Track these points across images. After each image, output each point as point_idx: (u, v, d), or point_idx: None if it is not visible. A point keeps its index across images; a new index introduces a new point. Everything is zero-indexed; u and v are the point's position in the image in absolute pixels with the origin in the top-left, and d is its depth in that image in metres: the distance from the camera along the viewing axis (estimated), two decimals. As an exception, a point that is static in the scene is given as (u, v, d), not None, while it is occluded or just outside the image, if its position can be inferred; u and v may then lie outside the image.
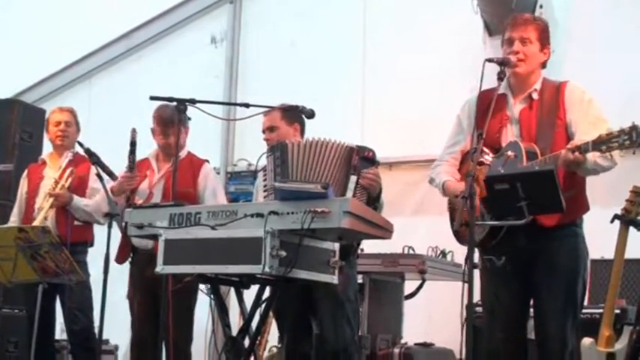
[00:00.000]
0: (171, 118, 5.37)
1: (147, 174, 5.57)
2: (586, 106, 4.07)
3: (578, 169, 3.86)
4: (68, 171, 5.97)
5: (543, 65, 4.24)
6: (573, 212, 4.03)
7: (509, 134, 4.13)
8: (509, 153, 3.95)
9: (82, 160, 6.01)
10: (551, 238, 3.99)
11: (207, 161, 5.82)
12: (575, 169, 3.85)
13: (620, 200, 4.42)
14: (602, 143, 3.68)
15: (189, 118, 5.24)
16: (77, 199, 5.93)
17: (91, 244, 6.17)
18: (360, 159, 4.46)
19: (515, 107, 4.18)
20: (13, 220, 6.18)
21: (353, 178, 4.38)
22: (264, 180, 4.66)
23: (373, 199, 4.47)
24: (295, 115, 4.97)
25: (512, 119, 4.16)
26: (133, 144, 5.28)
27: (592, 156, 3.78)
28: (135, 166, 5.32)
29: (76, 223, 5.95)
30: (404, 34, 8.05)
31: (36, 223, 5.80)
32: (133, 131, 5.30)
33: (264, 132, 5.02)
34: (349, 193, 4.32)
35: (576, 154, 3.74)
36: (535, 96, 4.14)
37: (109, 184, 5.47)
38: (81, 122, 6.40)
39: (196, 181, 5.59)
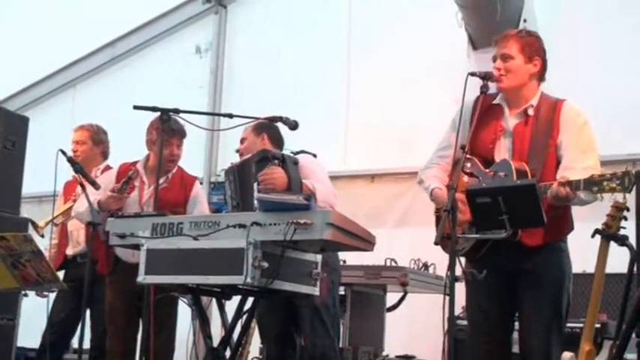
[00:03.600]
0: (183, 131, 5.49)
1: (135, 185, 5.53)
2: (579, 130, 4.06)
3: (564, 204, 3.89)
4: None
5: (539, 78, 4.21)
6: (558, 232, 4.05)
7: (502, 147, 4.12)
8: (500, 173, 3.97)
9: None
10: (536, 254, 4.00)
11: (197, 178, 5.81)
12: (562, 203, 3.86)
13: (601, 215, 4.43)
14: (594, 184, 3.70)
15: (173, 128, 5.23)
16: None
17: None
18: (256, 163, 4.56)
19: (510, 120, 4.16)
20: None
21: (255, 186, 4.46)
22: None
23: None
24: (264, 125, 5.03)
25: (507, 132, 4.14)
26: (130, 177, 5.31)
27: (579, 192, 3.80)
28: (125, 192, 5.33)
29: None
30: (388, 47, 8.08)
31: (44, 221, 6.08)
32: (135, 172, 5.41)
33: None
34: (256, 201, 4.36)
35: (567, 189, 3.75)
36: (531, 112, 4.12)
37: (94, 195, 5.44)
38: (64, 130, 6.40)
39: (187, 200, 5.57)
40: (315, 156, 5.05)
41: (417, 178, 4.49)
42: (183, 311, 5.45)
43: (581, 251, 4.30)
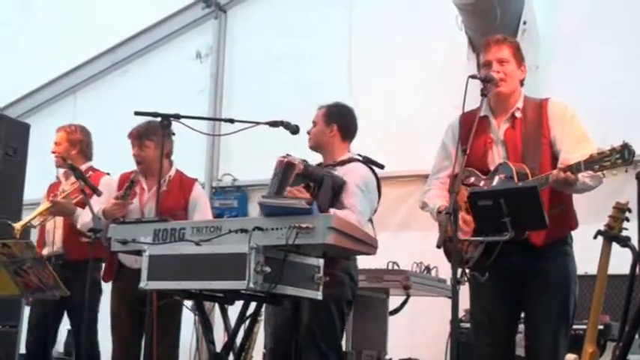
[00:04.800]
0: (140, 132, 5.47)
1: (136, 192, 5.54)
2: (569, 123, 4.08)
3: (569, 189, 3.89)
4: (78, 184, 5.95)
5: (522, 83, 4.26)
6: (562, 228, 4.06)
7: (496, 156, 4.13)
8: (501, 176, 3.97)
9: (93, 176, 5.99)
10: (543, 258, 4.01)
11: (197, 180, 5.79)
12: (566, 188, 3.87)
13: (602, 216, 4.43)
14: (595, 162, 3.69)
15: (173, 134, 5.23)
16: (80, 212, 5.86)
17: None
18: (297, 175, 4.50)
19: (500, 128, 4.17)
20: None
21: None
22: None
23: None
24: (337, 115, 4.93)
25: (497, 141, 4.15)
26: (132, 182, 5.31)
27: (582, 176, 3.79)
28: (129, 197, 5.33)
29: (84, 239, 5.90)
30: (389, 50, 8.08)
31: (20, 223, 5.93)
32: (137, 176, 5.41)
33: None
34: None
35: (568, 173, 3.75)
36: (518, 114, 4.15)
37: (97, 204, 5.44)
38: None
39: (187, 203, 5.53)
40: (382, 167, 4.95)
41: (419, 203, 4.49)
42: (186, 317, 5.45)
43: (584, 253, 4.30)
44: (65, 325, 6.33)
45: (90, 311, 5.75)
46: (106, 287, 5.61)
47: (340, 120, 4.94)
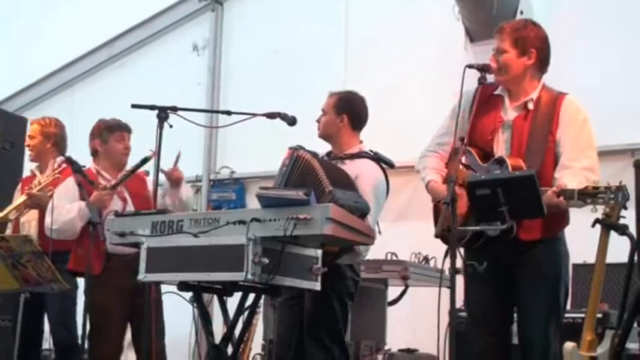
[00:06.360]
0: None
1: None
2: (579, 128, 4.03)
3: (557, 210, 3.89)
4: (54, 176, 5.92)
5: (539, 68, 4.17)
6: (554, 228, 4.06)
7: (501, 140, 4.10)
8: (496, 172, 3.95)
9: (66, 170, 5.95)
10: (534, 245, 4.00)
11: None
12: (555, 210, 3.87)
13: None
14: (588, 196, 3.71)
15: (171, 126, 5.21)
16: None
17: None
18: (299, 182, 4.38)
19: (510, 112, 4.14)
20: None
21: None
22: None
23: None
24: (348, 104, 4.87)
25: (506, 124, 4.11)
26: (147, 159, 5.24)
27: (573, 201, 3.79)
28: (118, 187, 5.32)
29: None
30: (386, 42, 8.08)
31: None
32: (152, 154, 5.06)
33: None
34: None
35: (561, 199, 3.75)
36: (530, 106, 4.09)
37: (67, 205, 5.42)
38: (63, 130, 6.36)
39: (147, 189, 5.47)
40: (392, 165, 4.89)
41: (415, 166, 4.48)
42: (185, 309, 5.45)
43: (582, 241, 4.30)
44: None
45: (70, 300, 5.76)
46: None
47: (351, 109, 4.90)
